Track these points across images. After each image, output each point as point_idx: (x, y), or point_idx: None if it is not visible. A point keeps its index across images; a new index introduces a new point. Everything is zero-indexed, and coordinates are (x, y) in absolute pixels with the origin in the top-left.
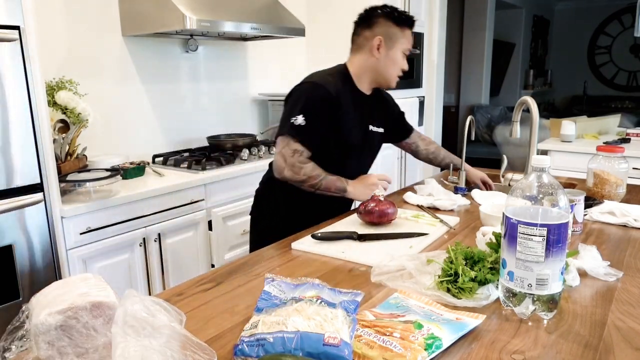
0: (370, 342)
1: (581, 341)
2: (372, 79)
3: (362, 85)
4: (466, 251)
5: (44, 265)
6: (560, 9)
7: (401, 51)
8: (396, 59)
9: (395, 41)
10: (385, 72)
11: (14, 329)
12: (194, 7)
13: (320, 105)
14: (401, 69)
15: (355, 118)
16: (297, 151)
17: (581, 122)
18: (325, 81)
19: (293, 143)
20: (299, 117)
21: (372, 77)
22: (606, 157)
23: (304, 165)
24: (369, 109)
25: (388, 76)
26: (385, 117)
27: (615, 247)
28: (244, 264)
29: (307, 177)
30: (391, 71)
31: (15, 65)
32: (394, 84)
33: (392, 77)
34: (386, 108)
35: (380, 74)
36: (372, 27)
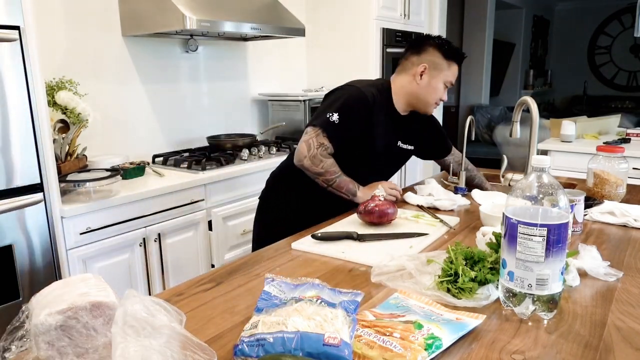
0: (370, 342)
1: (581, 341)
2: (409, 102)
3: (398, 105)
4: (466, 251)
5: (44, 265)
6: (560, 9)
7: (443, 82)
8: (437, 88)
9: (440, 72)
10: (424, 99)
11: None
12: (194, 7)
13: (357, 109)
14: (440, 98)
15: (385, 130)
16: (323, 145)
17: (581, 122)
18: (367, 89)
19: (322, 136)
20: (334, 115)
21: (409, 100)
22: (606, 157)
23: (325, 159)
24: (401, 126)
25: (426, 102)
26: (419, 136)
27: (615, 247)
28: (244, 264)
29: (324, 171)
30: (430, 99)
31: (15, 65)
32: (431, 111)
33: (429, 104)
34: (422, 129)
35: (419, 99)
36: (421, 54)
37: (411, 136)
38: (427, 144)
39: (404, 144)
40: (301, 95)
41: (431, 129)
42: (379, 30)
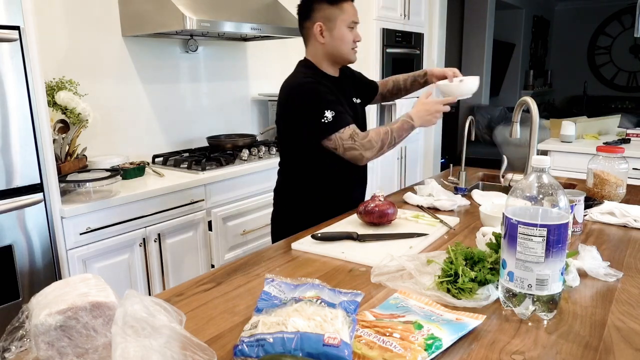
0: (370, 342)
1: (581, 342)
2: (331, 62)
3: (328, 70)
4: (466, 251)
5: (44, 265)
6: (560, 9)
7: (345, 26)
8: (343, 35)
9: (335, 20)
10: (339, 52)
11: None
12: (194, 7)
13: (330, 92)
14: (354, 41)
15: (341, 98)
16: (352, 135)
17: (581, 122)
18: (309, 77)
19: (343, 134)
20: (326, 113)
21: (329, 60)
22: (606, 157)
23: (368, 137)
24: (345, 87)
25: (342, 54)
26: (357, 87)
27: (615, 247)
28: (244, 264)
29: (380, 142)
30: (343, 49)
31: (15, 65)
32: (354, 58)
33: (346, 54)
34: (354, 79)
35: (335, 55)
36: (311, 16)
37: (355, 90)
38: (363, 90)
39: (356, 98)
40: None
41: (357, 77)
42: (379, 30)
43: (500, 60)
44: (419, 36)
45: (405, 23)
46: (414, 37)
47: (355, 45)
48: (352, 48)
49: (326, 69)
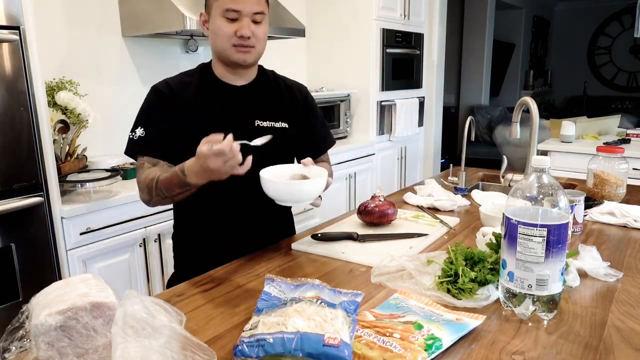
0: (370, 342)
1: (581, 342)
2: (220, 62)
3: (222, 73)
4: (466, 252)
5: (44, 265)
6: (560, 10)
7: (220, 16)
8: (217, 28)
9: (211, 7)
10: (219, 48)
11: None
12: (194, 7)
13: (152, 109)
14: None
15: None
16: (141, 167)
17: (581, 122)
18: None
19: (139, 161)
20: (137, 130)
21: (219, 59)
22: (606, 157)
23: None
24: (247, 101)
25: (221, 50)
26: (288, 110)
27: (615, 247)
28: (244, 264)
29: (147, 189)
30: (219, 44)
31: (15, 65)
32: (237, 57)
33: (224, 50)
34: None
35: (216, 52)
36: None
37: (273, 111)
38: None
39: (263, 122)
40: None
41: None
42: (379, 30)
43: (500, 60)
44: (419, 36)
45: (405, 23)
46: (414, 37)
47: (241, 40)
48: (233, 45)
49: (219, 71)
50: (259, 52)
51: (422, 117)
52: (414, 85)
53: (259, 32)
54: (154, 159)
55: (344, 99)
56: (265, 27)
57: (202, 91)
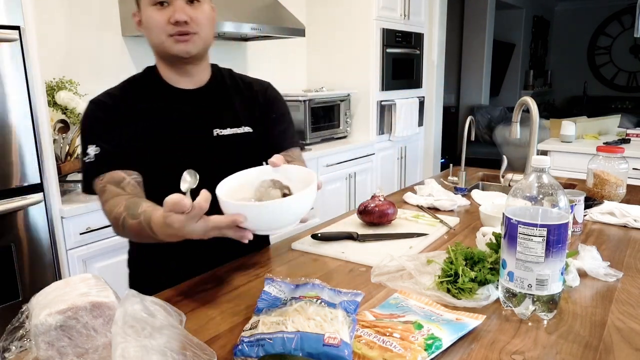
0: (370, 342)
1: (581, 342)
2: (163, 61)
3: (169, 76)
4: (466, 251)
5: (44, 265)
6: (560, 10)
7: (149, 6)
8: (148, 19)
9: (139, 2)
10: (154, 44)
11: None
12: None
13: (101, 122)
14: (168, 23)
15: (173, 124)
16: (103, 190)
17: (581, 122)
18: (104, 94)
19: (99, 185)
20: (89, 150)
21: (162, 60)
22: (606, 157)
23: (108, 203)
24: (202, 107)
25: (158, 45)
26: (250, 111)
27: (615, 247)
28: (244, 264)
29: (113, 220)
30: (154, 37)
31: (15, 65)
32: (175, 48)
33: (161, 43)
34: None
35: (155, 47)
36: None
37: (235, 115)
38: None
39: (223, 128)
40: (301, 95)
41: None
42: (379, 30)
43: (500, 60)
44: (419, 36)
45: (405, 23)
46: (414, 37)
47: (176, 28)
48: (168, 35)
49: (166, 73)
50: (205, 39)
51: (422, 117)
52: (414, 85)
53: (199, 15)
54: (119, 173)
55: (344, 99)
56: (206, 8)
57: (150, 99)
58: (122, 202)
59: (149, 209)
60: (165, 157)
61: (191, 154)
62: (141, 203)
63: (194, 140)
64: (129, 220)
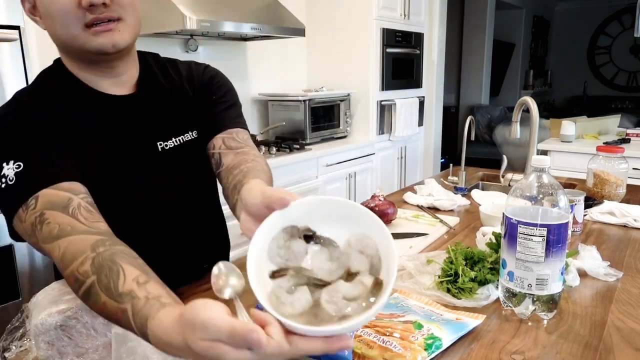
0: (370, 342)
1: (581, 341)
2: (74, 58)
3: (89, 78)
4: (466, 251)
5: (44, 265)
6: (560, 10)
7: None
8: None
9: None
10: (61, 38)
11: (14, 329)
12: (194, 7)
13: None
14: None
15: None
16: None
17: (581, 122)
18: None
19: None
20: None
21: (71, 57)
22: (606, 157)
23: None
24: (139, 119)
25: (68, 41)
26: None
27: (615, 247)
28: (244, 264)
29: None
30: (61, 29)
31: (15, 65)
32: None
33: (73, 38)
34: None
35: (63, 45)
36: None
37: (181, 119)
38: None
39: (168, 140)
40: (301, 95)
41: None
42: (379, 30)
43: (500, 60)
44: (419, 36)
45: (405, 23)
46: (414, 37)
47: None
48: (85, 26)
49: (86, 76)
50: (133, 26)
51: (422, 116)
52: (414, 85)
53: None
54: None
55: (344, 99)
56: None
57: (72, 109)
58: (85, 252)
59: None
60: (103, 182)
61: (134, 174)
62: (121, 266)
63: (136, 159)
64: (100, 295)
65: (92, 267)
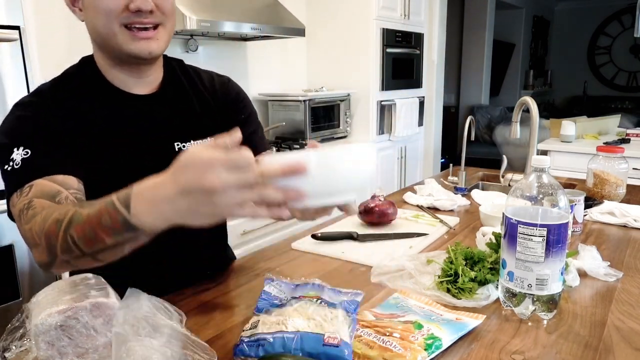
0: (370, 342)
1: (581, 341)
2: (106, 55)
3: (113, 75)
4: (466, 251)
5: None
6: (560, 10)
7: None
8: (96, 3)
9: None
10: (99, 34)
11: (14, 329)
12: (194, 7)
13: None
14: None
15: (125, 140)
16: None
17: (581, 122)
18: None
19: (19, 199)
20: (15, 154)
21: (103, 53)
22: (606, 157)
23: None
24: (159, 118)
25: (105, 38)
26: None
27: (615, 247)
28: (244, 264)
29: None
30: (101, 24)
31: (15, 65)
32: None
33: (112, 37)
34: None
35: (99, 41)
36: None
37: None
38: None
39: (186, 142)
40: (301, 95)
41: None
42: (379, 30)
43: (500, 60)
44: (419, 36)
45: (405, 23)
46: (414, 37)
47: (139, 19)
48: (125, 27)
49: (111, 73)
50: (170, 33)
51: (422, 116)
52: (414, 85)
53: (165, 4)
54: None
55: (344, 99)
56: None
57: (92, 105)
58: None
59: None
60: (118, 177)
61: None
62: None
63: (153, 158)
64: (79, 215)
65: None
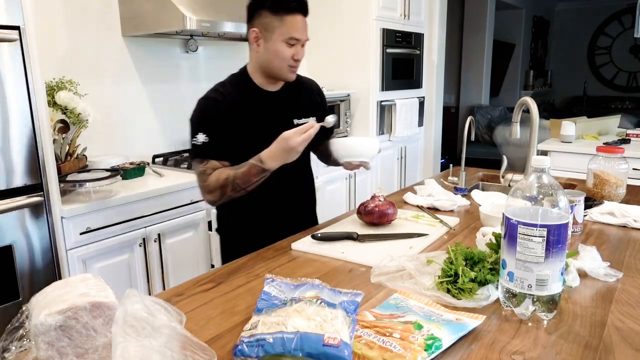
0: (370, 342)
1: (581, 342)
2: (264, 74)
3: (261, 82)
4: (466, 252)
5: (44, 265)
6: (560, 10)
7: (282, 41)
8: (278, 50)
9: (273, 31)
10: (270, 65)
11: (14, 329)
12: (194, 7)
13: (210, 116)
14: (291, 58)
15: (264, 118)
16: (204, 173)
17: (581, 122)
18: (211, 92)
19: (199, 166)
20: (198, 136)
21: (262, 72)
22: (606, 157)
23: (208, 180)
24: (283, 104)
25: (274, 70)
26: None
27: (615, 247)
28: (244, 264)
29: (220, 190)
30: (275, 64)
31: (15, 65)
32: (288, 76)
33: (278, 70)
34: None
35: (267, 67)
36: (252, 21)
37: (303, 109)
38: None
39: (299, 118)
40: None
41: (315, 97)
42: (379, 30)
43: (500, 60)
44: (419, 36)
45: (405, 23)
46: (414, 37)
47: (295, 63)
48: (289, 65)
49: (258, 80)
50: None
51: (422, 117)
52: (414, 85)
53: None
54: (216, 162)
55: (344, 99)
56: None
57: (247, 100)
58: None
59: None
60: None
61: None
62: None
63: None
64: (238, 172)
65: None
